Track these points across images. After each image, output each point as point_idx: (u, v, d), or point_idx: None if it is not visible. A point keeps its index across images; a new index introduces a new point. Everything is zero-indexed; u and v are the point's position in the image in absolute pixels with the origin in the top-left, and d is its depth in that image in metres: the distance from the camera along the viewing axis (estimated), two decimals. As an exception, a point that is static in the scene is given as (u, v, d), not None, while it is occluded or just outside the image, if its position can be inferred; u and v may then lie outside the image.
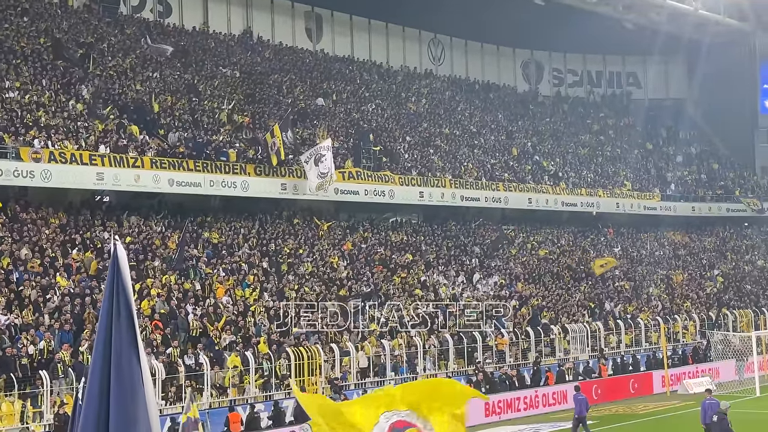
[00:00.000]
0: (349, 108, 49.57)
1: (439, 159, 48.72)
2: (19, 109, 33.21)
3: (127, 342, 5.24)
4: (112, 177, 33.02)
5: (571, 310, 42.07)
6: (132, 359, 5.24)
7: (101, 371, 5.26)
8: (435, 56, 62.87)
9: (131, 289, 5.32)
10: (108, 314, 5.27)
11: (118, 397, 5.22)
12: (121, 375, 5.20)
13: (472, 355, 34.69)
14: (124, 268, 5.28)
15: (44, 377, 23.63)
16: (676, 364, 39.98)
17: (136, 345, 5.27)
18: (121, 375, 5.20)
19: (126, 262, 5.32)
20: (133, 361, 5.24)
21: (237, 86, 44.90)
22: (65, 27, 41.12)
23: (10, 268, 28.07)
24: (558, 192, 52.04)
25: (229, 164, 36.97)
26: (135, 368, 5.24)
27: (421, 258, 42.14)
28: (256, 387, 28.37)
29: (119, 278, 5.26)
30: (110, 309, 5.28)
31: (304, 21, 56.01)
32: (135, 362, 5.25)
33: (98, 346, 5.32)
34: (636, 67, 71.19)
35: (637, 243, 56.10)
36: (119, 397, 5.22)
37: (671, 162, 64.68)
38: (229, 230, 37.35)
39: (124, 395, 5.22)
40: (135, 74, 40.53)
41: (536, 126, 61.07)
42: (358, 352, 31.25)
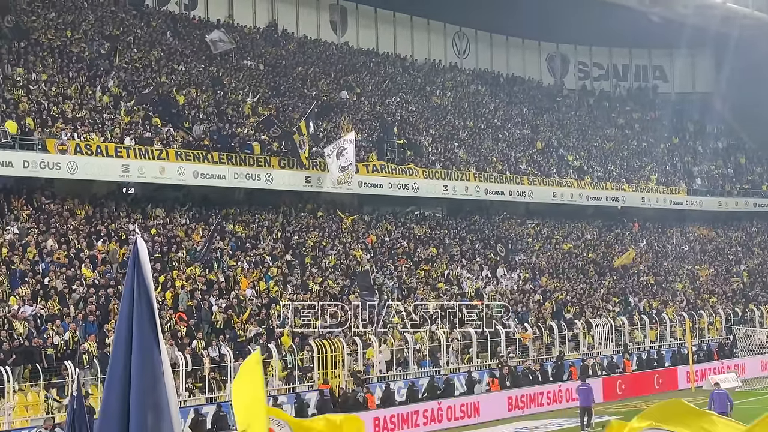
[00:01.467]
0: (373, 101, 49.53)
1: (463, 152, 48.59)
2: (45, 101, 33.40)
3: (148, 333, 5.24)
4: (137, 169, 33.18)
5: (595, 305, 41.89)
6: (153, 351, 5.25)
7: (123, 363, 5.27)
8: (460, 49, 62.68)
9: (152, 282, 5.33)
10: (129, 307, 5.27)
11: (139, 389, 5.23)
12: (141, 367, 5.21)
13: (495, 349, 34.59)
14: (144, 261, 5.29)
15: (69, 368, 23.78)
16: (701, 360, 39.72)
17: (156, 337, 5.27)
18: (141, 367, 5.21)
19: (147, 256, 5.32)
20: (155, 354, 5.25)
21: (261, 79, 44.96)
22: (91, 19, 41.30)
23: (36, 259, 28.27)
24: (583, 186, 51.79)
25: (254, 157, 37.04)
26: (157, 359, 5.25)
27: (444, 252, 42.07)
28: (279, 379, 28.42)
29: (140, 272, 5.26)
30: (131, 302, 5.29)
31: (329, 14, 55.98)
32: (156, 354, 5.25)
33: (119, 339, 5.33)
34: (662, 60, 70.66)
35: (662, 238, 55.75)
36: (140, 389, 5.22)
37: (698, 156, 64.20)
38: (253, 223, 37.45)
39: (144, 388, 5.23)
40: (160, 67, 40.66)
41: (561, 120, 60.77)
42: (381, 346, 31.25)
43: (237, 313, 30.02)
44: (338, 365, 29.61)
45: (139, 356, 5.20)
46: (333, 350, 29.54)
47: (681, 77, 70.40)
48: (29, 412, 23.33)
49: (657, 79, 70.77)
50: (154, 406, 5.18)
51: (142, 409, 5.14)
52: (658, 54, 70.07)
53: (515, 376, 33.14)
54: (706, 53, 68.50)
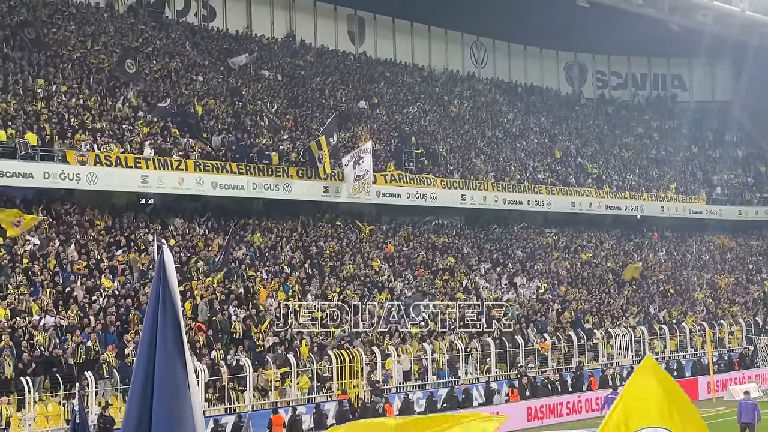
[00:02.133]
0: (391, 111, 49.58)
1: (481, 162, 48.55)
2: (65, 112, 33.63)
3: (172, 344, 5.25)
4: (156, 180, 33.33)
5: (615, 314, 41.70)
6: (177, 361, 5.25)
7: (145, 373, 5.27)
8: (477, 59, 62.68)
9: (178, 292, 5.33)
10: (153, 316, 5.28)
11: (163, 399, 5.22)
12: (166, 377, 5.21)
13: (514, 359, 34.48)
14: (170, 271, 5.30)
15: (89, 378, 23.87)
16: (722, 370, 39.45)
17: (182, 347, 5.28)
18: (166, 377, 5.21)
19: (173, 265, 5.33)
20: (178, 364, 5.25)
21: (280, 89, 45.10)
22: (111, 31, 41.56)
23: (56, 269, 28.42)
24: (602, 195, 51.62)
25: (272, 167, 37.14)
26: (180, 370, 5.25)
27: (463, 261, 42.01)
28: (299, 390, 28.43)
29: (166, 281, 5.27)
30: (156, 311, 5.29)
31: (346, 24, 56.13)
32: (180, 364, 5.26)
33: (143, 348, 5.34)
34: (681, 69, 70.40)
35: (682, 247, 55.47)
36: (164, 399, 5.22)
37: (717, 165, 63.88)
38: (272, 233, 37.52)
39: (169, 397, 5.23)
40: (179, 78, 40.86)
41: (580, 129, 60.64)
42: (400, 356, 31.21)
43: (255, 323, 30.07)
44: (357, 375, 29.59)
45: (162, 366, 5.21)
46: (351, 360, 29.53)
47: (700, 86, 70.12)
48: (50, 422, 23.43)
49: (676, 88, 70.50)
50: (178, 418, 5.18)
51: (165, 420, 5.15)
52: (676, 63, 69.82)
53: (534, 387, 33.02)
54: (725, 62, 68.18)
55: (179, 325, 5.28)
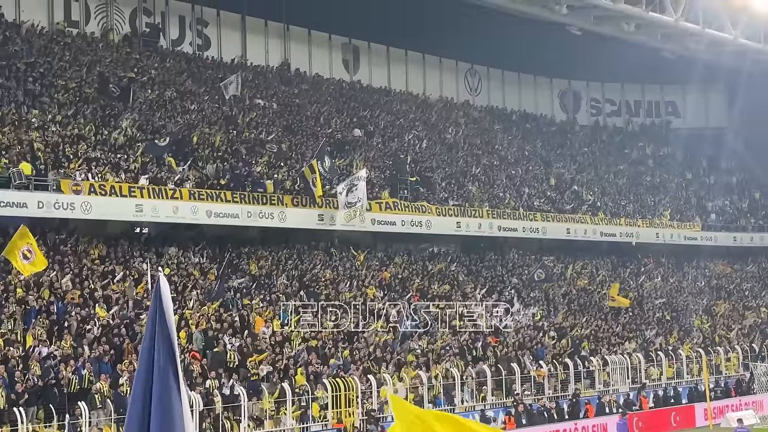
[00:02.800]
0: (386, 138, 49.68)
1: (476, 189, 48.61)
2: (60, 141, 33.63)
3: (167, 374, 5.21)
4: (151, 209, 33.29)
5: (611, 342, 41.60)
6: (173, 391, 5.22)
7: (142, 402, 5.24)
8: (472, 87, 62.92)
9: (174, 321, 5.31)
10: (150, 346, 5.26)
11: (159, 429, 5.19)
12: (162, 407, 5.18)
13: (510, 386, 34.35)
14: (166, 300, 5.27)
15: (83, 408, 23.72)
16: (718, 397, 39.31)
17: (177, 378, 5.24)
18: (162, 407, 5.18)
19: (169, 294, 5.31)
20: (174, 393, 5.22)
21: (275, 118, 45.20)
22: (106, 61, 41.68)
23: (51, 299, 28.31)
24: (597, 222, 51.65)
25: (267, 195, 37.14)
26: (176, 400, 5.22)
27: (458, 288, 41.95)
28: (293, 418, 28.27)
29: (162, 310, 5.25)
30: (152, 341, 5.27)
31: (341, 53, 56.36)
32: (176, 394, 5.23)
33: (139, 377, 5.31)
34: (675, 96, 70.72)
35: (678, 273, 55.47)
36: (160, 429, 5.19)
37: (711, 191, 64.02)
38: (267, 261, 37.46)
39: (164, 427, 5.20)
40: (174, 107, 40.93)
41: (574, 156, 60.81)
42: (396, 384, 31.07)
43: (250, 351, 29.94)
44: (352, 404, 29.44)
45: (158, 396, 5.18)
46: (347, 389, 29.39)
47: (694, 112, 70.37)
48: (43, 453, 23.24)
49: (669, 115, 70.79)
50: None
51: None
52: (670, 90, 70.16)
53: (530, 414, 32.87)
54: (719, 88, 68.56)
55: (174, 355, 5.25)
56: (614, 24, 54.18)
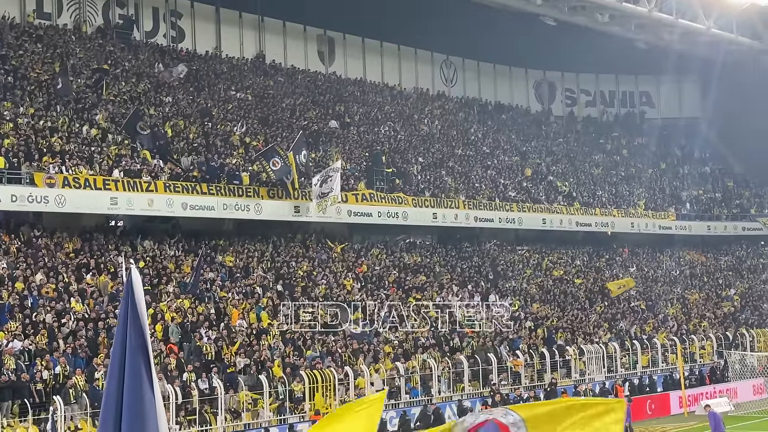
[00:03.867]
0: (361, 130, 49.64)
1: (452, 180, 48.67)
2: (33, 134, 33.36)
3: (139, 368, 5.18)
4: (125, 201, 33.10)
5: (587, 331, 41.83)
6: (144, 384, 5.19)
7: (116, 396, 5.21)
8: (447, 78, 62.96)
9: (146, 314, 5.28)
10: (122, 340, 5.22)
11: (130, 422, 5.17)
12: (132, 401, 5.15)
13: (487, 377, 34.47)
14: (138, 293, 5.24)
15: (58, 402, 23.59)
16: (693, 385, 39.62)
17: (149, 371, 5.21)
18: (132, 401, 5.15)
19: (141, 287, 5.27)
20: (146, 386, 5.19)
21: (250, 110, 45.04)
22: (79, 53, 41.35)
23: (24, 293, 28.11)
24: (572, 212, 51.88)
25: (243, 187, 37.02)
26: (148, 393, 5.19)
27: (435, 279, 42.02)
28: (271, 410, 28.25)
29: (133, 303, 5.21)
30: (124, 334, 5.23)
31: (316, 44, 56.21)
32: (148, 387, 5.20)
33: (113, 371, 5.27)
34: (649, 86, 71.09)
35: (652, 263, 55.83)
36: (131, 422, 5.17)
37: (686, 181, 64.44)
38: (243, 253, 37.36)
39: (136, 420, 5.17)
40: (148, 99, 40.69)
41: (549, 146, 61.00)
42: (373, 375, 31.11)
43: (227, 344, 29.88)
44: (330, 395, 29.45)
45: (130, 389, 5.15)
46: (324, 380, 29.40)
47: (668, 103, 70.80)
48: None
49: (644, 105, 71.16)
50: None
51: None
52: (644, 80, 70.51)
53: (507, 404, 32.97)
54: (692, 79, 68.99)
55: (147, 347, 5.22)
56: (588, 14, 54.42)
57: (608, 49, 57.75)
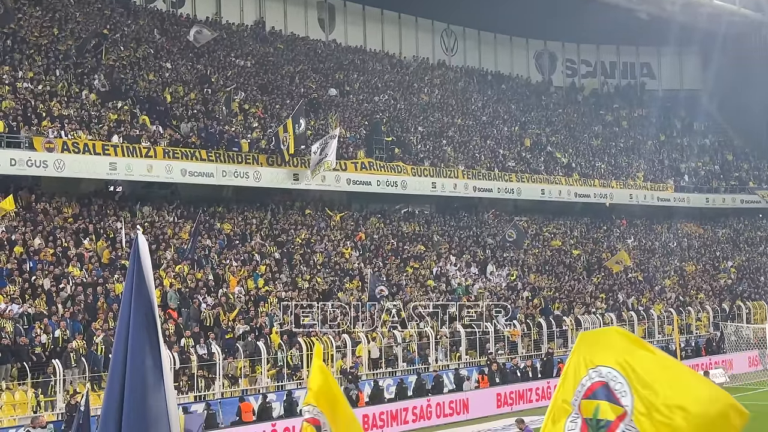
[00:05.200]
0: (361, 98, 49.48)
1: (451, 150, 48.60)
2: (32, 99, 33.24)
3: (145, 332, 5.19)
4: (124, 167, 33.06)
5: (584, 302, 41.96)
6: (150, 349, 5.20)
7: (123, 361, 5.22)
8: (448, 47, 62.68)
9: (152, 280, 5.27)
10: (128, 305, 5.22)
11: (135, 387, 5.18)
12: (139, 365, 5.16)
13: (484, 346, 34.61)
14: (145, 260, 5.24)
15: (57, 366, 23.69)
16: (689, 356, 39.77)
17: (155, 335, 5.23)
18: (139, 365, 5.16)
19: (147, 254, 5.27)
20: (151, 352, 5.20)
21: (249, 77, 44.85)
22: (78, 17, 41.11)
23: (23, 257, 28.14)
24: (571, 183, 51.87)
25: (242, 154, 36.96)
26: (154, 358, 5.20)
27: (433, 249, 42.07)
28: (268, 377, 28.38)
29: (140, 269, 5.21)
30: (130, 300, 5.23)
31: (316, 11, 55.90)
32: (153, 352, 5.21)
33: (120, 337, 5.27)
34: (650, 57, 70.81)
35: (650, 234, 55.91)
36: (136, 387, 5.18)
37: (685, 153, 64.38)
38: (242, 220, 37.36)
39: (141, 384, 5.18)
40: (147, 64, 40.50)
41: (549, 117, 60.86)
42: (370, 343, 31.23)
43: (225, 311, 29.96)
44: (327, 362, 29.55)
45: (135, 355, 5.15)
46: (322, 347, 29.47)
47: (668, 74, 70.59)
48: (17, 410, 23.22)
49: (644, 76, 70.93)
50: (152, 405, 5.13)
51: (138, 407, 5.10)
52: (645, 51, 70.21)
53: (504, 373, 33.16)
54: (694, 50, 68.67)
55: (153, 313, 5.22)
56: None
57: (609, 20, 57.45)
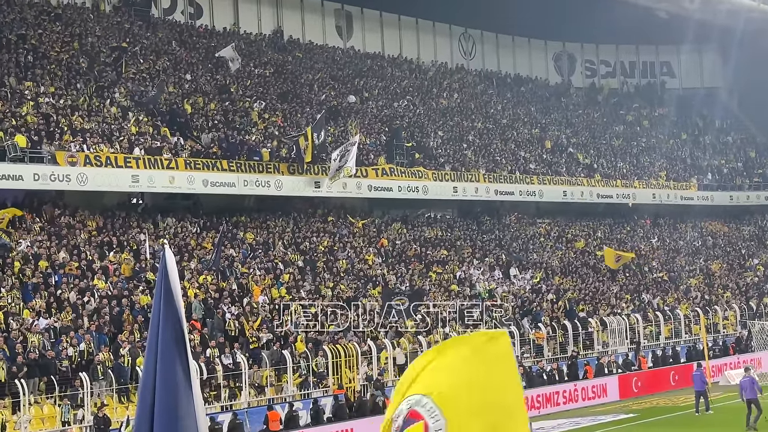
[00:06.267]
0: (380, 104, 49.51)
1: (472, 153, 48.52)
2: (54, 113, 33.46)
3: (173, 346, 5.18)
4: (147, 179, 33.21)
5: (609, 303, 41.76)
6: (178, 363, 5.19)
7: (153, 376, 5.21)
8: (466, 51, 62.62)
9: (180, 293, 5.26)
10: (157, 319, 5.21)
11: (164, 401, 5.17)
12: (167, 379, 5.15)
13: (509, 349, 34.43)
14: (172, 273, 5.22)
15: (84, 379, 23.79)
16: (717, 356, 39.53)
17: (183, 348, 5.21)
18: (167, 379, 5.15)
19: (175, 267, 5.25)
20: (179, 365, 5.19)
21: (269, 86, 44.98)
22: (98, 31, 41.37)
23: (48, 271, 28.31)
24: (593, 184, 51.66)
25: (263, 163, 37.05)
26: (181, 372, 5.18)
27: (456, 253, 42.00)
28: (294, 385, 28.40)
29: (167, 285, 5.20)
30: (159, 314, 5.22)
31: (334, 19, 56.00)
32: (181, 366, 5.19)
33: (150, 351, 5.26)
34: (670, 56, 70.44)
35: (674, 233, 55.58)
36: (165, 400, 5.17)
37: (707, 151, 63.99)
38: (264, 229, 37.44)
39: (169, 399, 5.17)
40: (167, 76, 40.70)
41: (569, 118, 60.66)
42: (395, 349, 31.18)
43: (249, 320, 30.01)
44: (353, 369, 29.56)
45: (165, 369, 5.14)
46: (347, 355, 29.50)
47: (688, 73, 70.21)
48: (45, 424, 23.35)
49: (664, 75, 70.57)
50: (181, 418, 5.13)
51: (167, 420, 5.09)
52: (665, 50, 69.85)
53: (530, 376, 33.04)
54: (713, 48, 68.25)
55: (182, 327, 5.21)
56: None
57: (628, 20, 57.17)
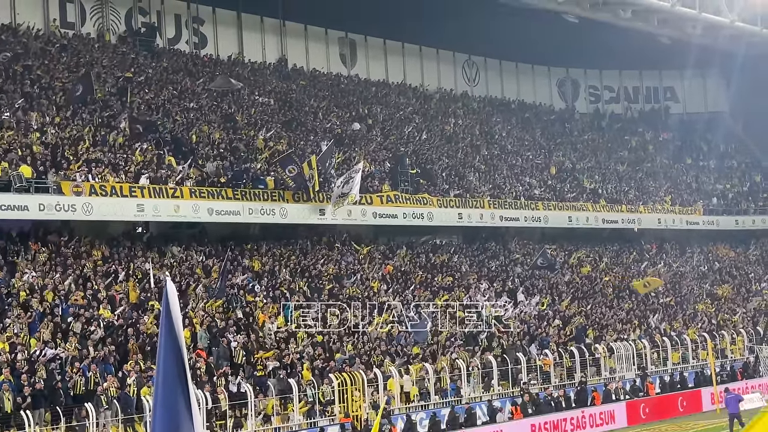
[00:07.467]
0: (385, 131, 49.63)
1: (476, 180, 48.56)
2: (59, 143, 33.57)
3: (173, 380, 5.22)
4: (152, 208, 33.25)
5: (616, 328, 41.61)
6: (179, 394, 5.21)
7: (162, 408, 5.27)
8: (470, 77, 62.84)
9: (181, 325, 5.32)
10: (161, 351, 5.29)
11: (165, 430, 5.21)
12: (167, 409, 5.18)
13: (516, 376, 34.35)
14: (173, 305, 5.28)
15: (89, 409, 23.73)
16: (725, 381, 39.31)
17: (184, 379, 5.24)
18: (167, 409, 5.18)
19: (176, 299, 5.32)
20: (180, 396, 5.21)
21: (273, 114, 45.14)
22: (103, 62, 41.61)
23: (55, 301, 28.30)
24: (598, 209, 51.61)
25: (267, 192, 37.10)
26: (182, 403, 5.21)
27: (462, 279, 41.93)
28: (300, 414, 28.28)
29: (168, 316, 5.26)
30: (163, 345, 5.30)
31: (338, 47, 56.28)
32: (182, 397, 5.22)
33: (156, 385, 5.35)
34: (673, 81, 70.65)
35: (680, 258, 55.46)
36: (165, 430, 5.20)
37: (712, 175, 63.99)
38: (269, 257, 37.44)
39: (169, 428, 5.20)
40: (172, 106, 40.87)
41: (574, 144, 60.74)
42: (402, 377, 31.08)
43: (255, 348, 29.95)
44: (359, 398, 29.44)
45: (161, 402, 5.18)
46: (353, 383, 29.40)
47: (692, 97, 70.36)
48: (51, 455, 23.26)
49: (668, 100, 70.73)
50: None
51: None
52: (668, 75, 70.08)
53: (537, 403, 32.88)
54: (716, 72, 68.42)
55: (182, 360, 5.25)
56: (610, 10, 54.10)
57: (631, 45, 57.44)
